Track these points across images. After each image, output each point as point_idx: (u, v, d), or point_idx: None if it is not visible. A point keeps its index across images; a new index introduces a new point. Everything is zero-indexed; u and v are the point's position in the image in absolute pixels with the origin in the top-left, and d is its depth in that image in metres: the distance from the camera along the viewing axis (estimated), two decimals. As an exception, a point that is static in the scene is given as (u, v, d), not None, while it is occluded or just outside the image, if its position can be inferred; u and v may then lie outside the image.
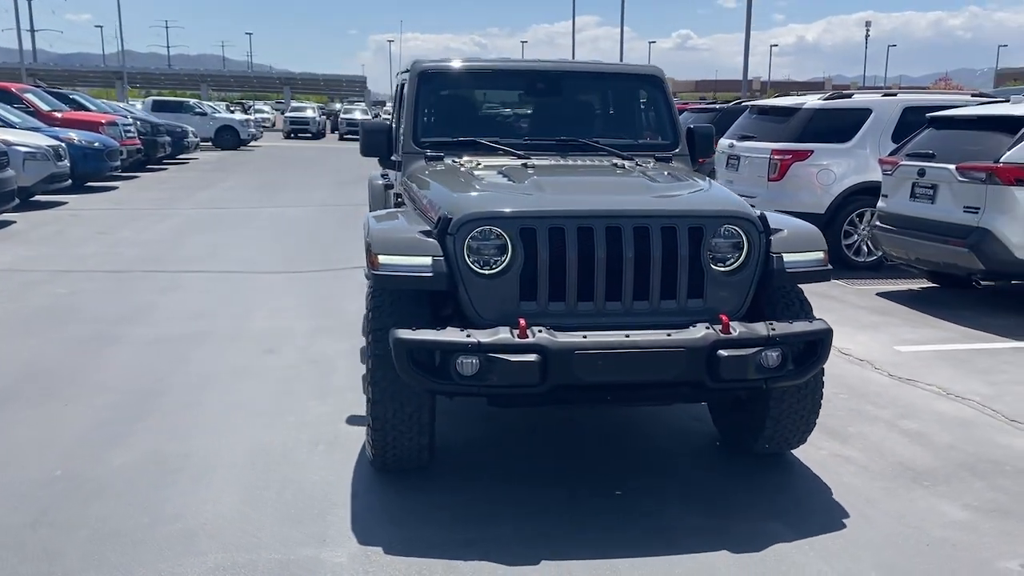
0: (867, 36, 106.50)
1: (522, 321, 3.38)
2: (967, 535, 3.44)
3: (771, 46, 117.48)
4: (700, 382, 3.45)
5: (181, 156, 25.10)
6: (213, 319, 6.73)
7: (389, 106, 28.62)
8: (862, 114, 9.39)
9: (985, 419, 4.76)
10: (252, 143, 34.11)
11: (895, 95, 9.82)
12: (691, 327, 3.49)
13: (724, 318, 3.50)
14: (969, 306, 7.47)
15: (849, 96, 9.85)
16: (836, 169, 9.19)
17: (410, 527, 3.45)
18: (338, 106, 60.63)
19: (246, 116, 39.55)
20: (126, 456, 4.09)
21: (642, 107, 5.18)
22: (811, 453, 4.21)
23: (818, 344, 3.57)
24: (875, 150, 9.19)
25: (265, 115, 53.65)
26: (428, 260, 3.49)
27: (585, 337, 3.38)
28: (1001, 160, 6.75)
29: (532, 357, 3.29)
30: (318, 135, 43.76)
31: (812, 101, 9.65)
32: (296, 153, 31.03)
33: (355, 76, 72.10)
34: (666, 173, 4.37)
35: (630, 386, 3.53)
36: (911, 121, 9.23)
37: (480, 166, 4.39)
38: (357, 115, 44.88)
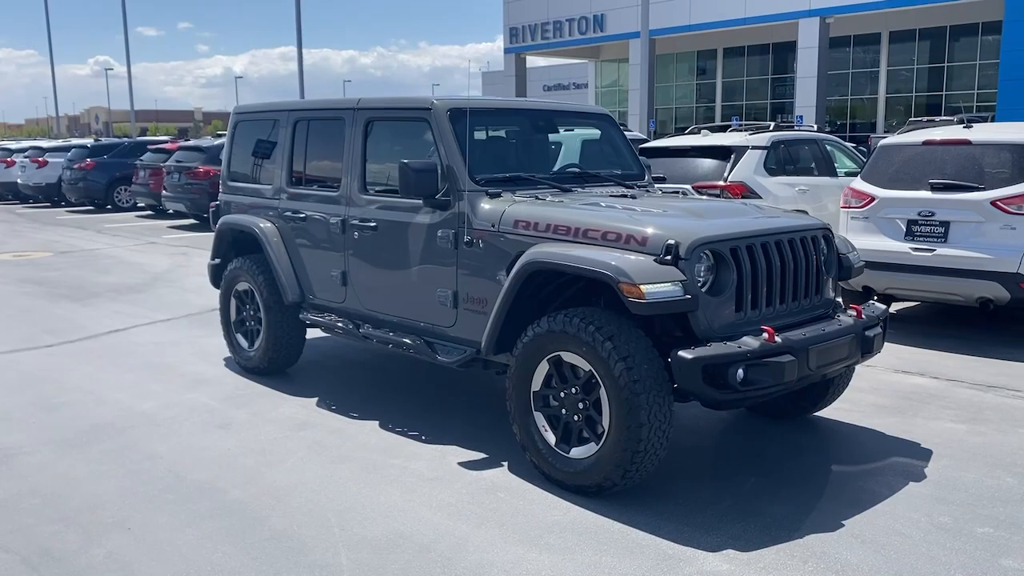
0: (301, 70, 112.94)
1: (769, 328, 3.95)
2: (983, 437, 4.91)
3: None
4: (856, 360, 4.40)
5: None
6: (81, 406, 5.47)
7: None
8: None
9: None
10: None
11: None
12: (840, 316, 4.42)
13: (856, 307, 4.49)
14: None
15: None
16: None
17: (717, 526, 3.77)
18: None
19: None
20: (363, 531, 3.55)
21: (606, 142, 5.81)
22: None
23: (888, 320, 4.75)
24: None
25: None
26: (680, 285, 3.84)
27: (805, 335, 4.08)
28: (728, 179, 8.75)
29: (790, 357, 3.90)
30: None
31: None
32: None
33: None
34: (704, 198, 5.15)
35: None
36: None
37: (574, 198, 4.70)
38: None
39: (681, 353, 3.75)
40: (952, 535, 3.69)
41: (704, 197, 5.27)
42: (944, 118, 26.44)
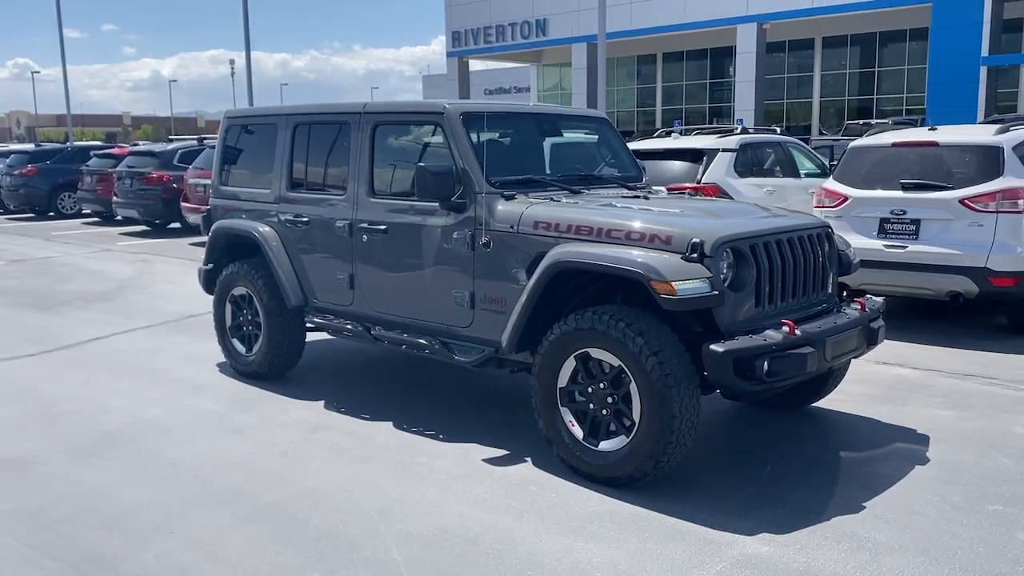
0: (232, 73, 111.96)
1: (789, 321, 4.14)
2: (972, 423, 5.20)
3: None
4: (863, 351, 4.63)
5: None
6: (84, 414, 5.40)
7: None
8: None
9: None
10: None
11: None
12: (846, 309, 4.64)
13: (862, 301, 4.73)
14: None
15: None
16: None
17: (747, 512, 3.94)
18: None
19: None
20: (407, 527, 3.63)
21: (604, 144, 5.96)
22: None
23: (883, 314, 5.00)
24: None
25: None
26: (707, 282, 4.01)
27: (821, 328, 4.29)
28: (702, 181, 8.99)
29: (810, 349, 4.10)
30: None
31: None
32: None
33: None
34: (711, 199, 5.34)
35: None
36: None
37: (588, 200, 4.85)
38: None
39: (713, 347, 3.92)
40: (966, 513, 3.92)
41: (705, 198, 5.51)
42: (879, 121, 27.47)
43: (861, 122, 28.24)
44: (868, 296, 5.08)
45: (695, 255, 4.04)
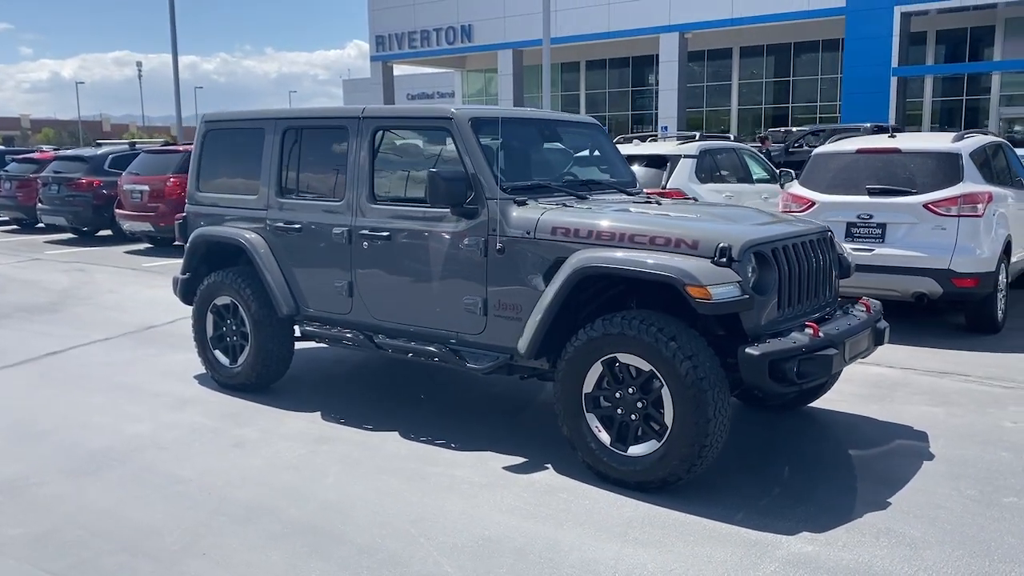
0: (140, 75, 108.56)
1: (813, 324, 4.22)
2: (962, 419, 5.40)
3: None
4: (871, 351, 4.76)
5: None
6: (67, 432, 5.13)
7: None
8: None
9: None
10: None
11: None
12: (853, 310, 4.77)
13: (867, 303, 4.86)
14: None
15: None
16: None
17: (782, 512, 3.99)
18: None
19: None
20: (448, 539, 3.54)
21: (600, 150, 5.97)
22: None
23: (883, 314, 5.15)
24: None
25: None
26: (737, 286, 4.06)
27: (839, 329, 4.39)
28: (667, 186, 9.12)
29: (834, 350, 4.19)
30: None
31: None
32: None
33: None
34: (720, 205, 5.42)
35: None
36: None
37: (600, 205, 4.86)
38: None
39: (749, 350, 3.96)
40: (985, 506, 4.07)
41: (709, 203, 5.61)
42: (800, 128, 28.31)
43: (783, 130, 29.19)
44: (869, 298, 5.22)
45: (723, 259, 4.08)
